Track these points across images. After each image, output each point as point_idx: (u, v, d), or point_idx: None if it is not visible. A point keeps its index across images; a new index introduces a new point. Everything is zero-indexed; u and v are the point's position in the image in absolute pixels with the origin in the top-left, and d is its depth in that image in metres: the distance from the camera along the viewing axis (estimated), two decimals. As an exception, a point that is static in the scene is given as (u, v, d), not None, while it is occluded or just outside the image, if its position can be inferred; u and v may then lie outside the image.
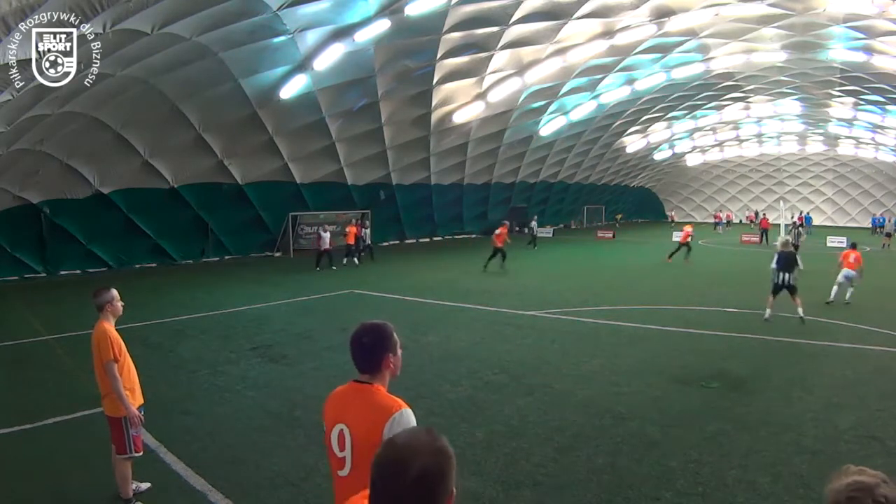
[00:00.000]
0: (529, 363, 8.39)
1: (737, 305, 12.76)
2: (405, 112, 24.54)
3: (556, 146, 35.98)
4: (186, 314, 12.16)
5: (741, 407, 6.61)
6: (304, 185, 25.14)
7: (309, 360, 8.63)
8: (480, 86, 24.71)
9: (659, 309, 12.61)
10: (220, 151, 20.99)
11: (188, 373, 8.07)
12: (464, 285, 16.28)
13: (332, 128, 23.10)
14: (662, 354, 8.84)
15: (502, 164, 34.64)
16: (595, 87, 28.57)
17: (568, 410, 6.51)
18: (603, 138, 38.54)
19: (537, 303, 13.27)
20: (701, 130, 44.38)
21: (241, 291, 15.30)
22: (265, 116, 20.60)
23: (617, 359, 8.58)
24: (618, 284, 16.44)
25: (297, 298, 14.10)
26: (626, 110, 33.67)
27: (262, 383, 7.57)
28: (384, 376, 2.32)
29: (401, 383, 2.39)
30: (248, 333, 10.40)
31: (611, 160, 44.89)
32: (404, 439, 1.43)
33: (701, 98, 33.71)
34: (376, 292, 15.02)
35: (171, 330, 10.76)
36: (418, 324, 10.97)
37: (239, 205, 23.28)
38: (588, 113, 31.86)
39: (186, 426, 6.17)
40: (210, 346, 9.52)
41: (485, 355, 8.81)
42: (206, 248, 23.07)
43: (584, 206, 49.48)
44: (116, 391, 4.25)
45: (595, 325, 11.02)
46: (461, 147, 29.99)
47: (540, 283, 16.69)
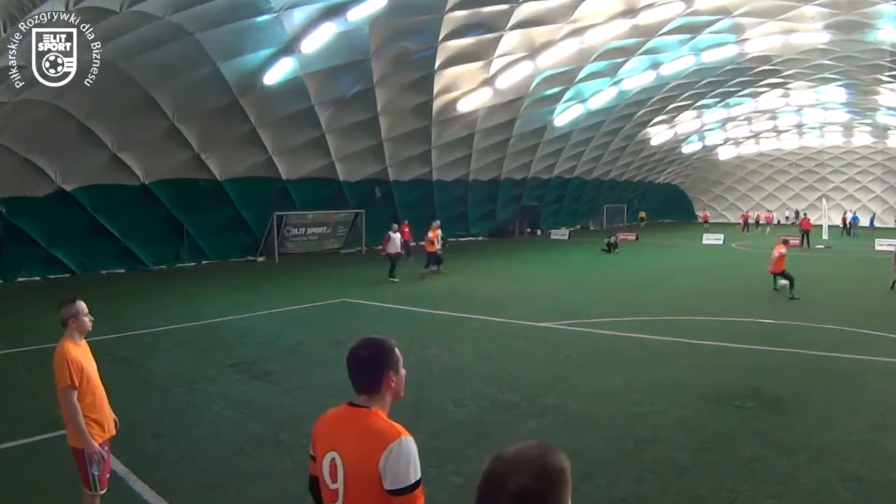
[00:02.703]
0: (542, 380, 8.39)
1: (774, 316, 12.74)
2: (404, 100, 24.61)
3: (572, 138, 36.02)
4: (159, 325, 12.18)
5: (779, 429, 6.61)
6: (290, 181, 25.21)
7: (296, 376, 8.65)
8: (488, 70, 24.78)
9: (687, 320, 12.59)
10: (196, 144, 21.08)
11: (161, 391, 8.09)
12: (468, 293, 16.29)
13: (322, 117, 23.18)
14: (691, 370, 8.83)
15: (512, 158, 34.68)
16: (616, 72, 28.62)
17: (585, 433, 6.52)
18: (625, 129, 38.56)
19: (550, 313, 13.26)
20: (734, 120, 44.40)
21: (221, 300, 15.31)
22: (247, 105, 20.69)
23: (640, 375, 8.58)
24: (641, 292, 16.42)
25: (282, 308, 14.11)
26: (650, 98, 33.70)
27: (243, 403, 7.58)
28: (384, 398, 2.30)
29: (398, 402, 2.38)
30: (229, 347, 10.42)
31: (633, 154, 44.90)
32: (511, 454, 1.46)
33: (734, 84, 33.74)
34: (371, 301, 15.03)
35: (142, 343, 10.78)
36: (417, 336, 10.99)
37: (218, 204, 23.35)
38: (608, 101, 31.91)
39: (159, 450, 6.18)
40: (185, 361, 9.55)
41: (492, 371, 8.81)
42: (180, 252, 23.14)
43: (604, 205, 49.50)
44: (75, 422, 4.18)
45: (615, 337, 10.99)
46: (466, 139, 30.05)
47: (553, 291, 16.67)
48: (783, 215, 54.18)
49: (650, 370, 8.86)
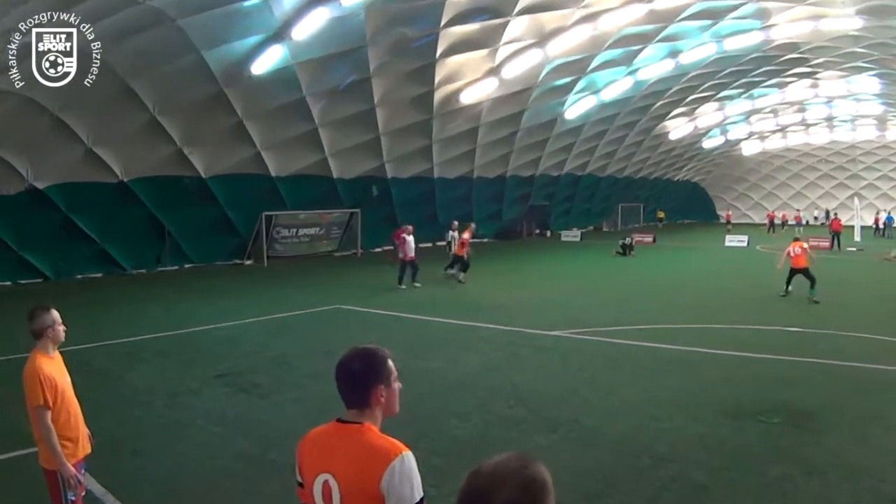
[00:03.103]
0: (552, 393, 8.42)
1: (802, 324, 12.75)
2: (402, 91, 24.66)
3: (584, 132, 36.05)
4: (138, 334, 12.21)
5: (808, 446, 6.62)
6: (280, 178, 25.26)
7: (286, 390, 8.68)
8: (493, 59, 24.82)
9: (708, 328, 12.61)
10: (179, 138, 21.13)
11: (140, 405, 8.11)
12: (473, 299, 16.31)
13: (315, 110, 23.23)
14: (712, 383, 8.85)
15: (519, 154, 34.70)
16: (631, 61, 28.65)
17: (598, 450, 6.54)
18: (641, 122, 38.58)
19: (561, 321, 13.29)
20: (759, 113, 44.39)
21: (205, 307, 15.36)
22: (233, 96, 20.74)
23: (657, 388, 8.61)
24: (658, 299, 16.45)
25: (272, 315, 14.16)
26: (668, 89, 33.73)
27: (229, 418, 7.60)
28: (374, 414, 2.28)
29: (396, 418, 2.38)
30: (214, 357, 10.46)
31: (650, 149, 44.91)
32: (490, 468, 1.49)
33: (759, 74, 33.75)
34: (367, 308, 15.05)
35: (121, 353, 10.81)
36: (418, 346, 11.01)
37: (202, 203, 23.41)
38: (623, 92, 31.94)
39: (138, 469, 6.20)
40: (167, 373, 9.58)
41: (498, 384, 8.84)
42: (162, 255, 23.18)
43: (618, 205, 49.50)
44: (48, 443, 4.15)
45: (630, 347, 11.03)
46: (470, 133, 30.10)
47: (564, 297, 16.70)
48: (811, 215, 54.12)
49: (668, 382, 8.88)
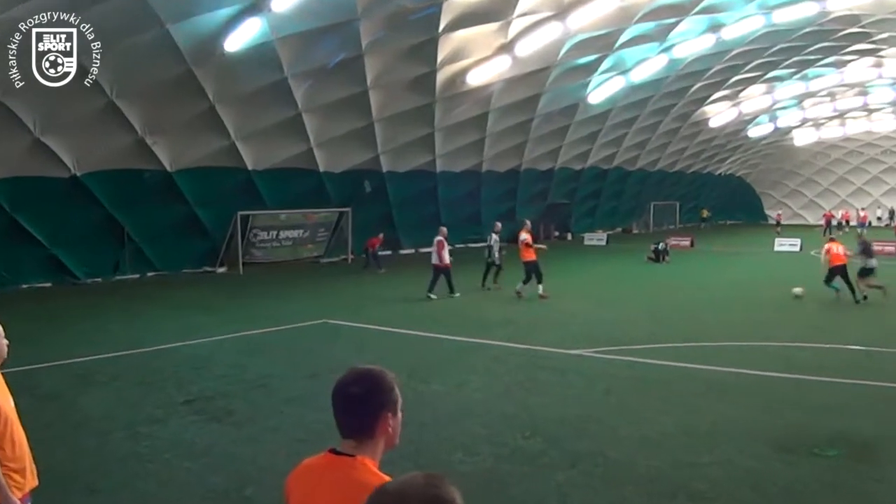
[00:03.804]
0: (573, 422, 8.40)
1: (864, 341, 12.68)
2: (400, 71, 24.70)
3: (610, 118, 36.07)
4: (94, 353, 12.19)
5: (870, 482, 6.58)
6: (258, 172, 25.32)
7: (264, 417, 8.68)
8: (505, 34, 24.86)
9: (754, 346, 12.57)
10: (140, 126, 21.17)
11: (97, 435, 8.10)
12: (481, 314, 16.28)
13: (298, 93, 23.28)
14: (759, 409, 8.81)
15: (536, 144, 34.70)
16: (665, 36, 28.65)
17: (627, 488, 6.51)
18: (677, 108, 38.58)
19: (584, 337, 13.28)
20: (814, 96, 44.36)
21: (171, 322, 15.35)
22: (204, 77, 20.78)
23: (695, 416, 8.58)
24: (696, 312, 16.43)
25: (248, 332, 14.15)
26: (708, 68, 33.73)
27: (199, 450, 7.60)
28: (377, 445, 2.29)
29: (392, 451, 2.38)
30: (181, 380, 10.46)
31: (688, 138, 44.89)
32: (396, 486, 1.57)
33: (814, 51, 33.71)
34: (359, 323, 15.04)
35: (73, 375, 10.80)
36: (418, 367, 10.98)
37: (167, 201, 23.47)
38: (656, 72, 31.96)
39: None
40: (127, 399, 9.56)
41: (511, 411, 8.83)
42: (120, 262, 23.25)
43: (650, 203, 49.47)
44: None
45: (664, 368, 11.02)
46: (478, 120, 30.13)
47: (588, 310, 16.69)
48: (874, 215, 53.96)
49: (708, 409, 8.85)
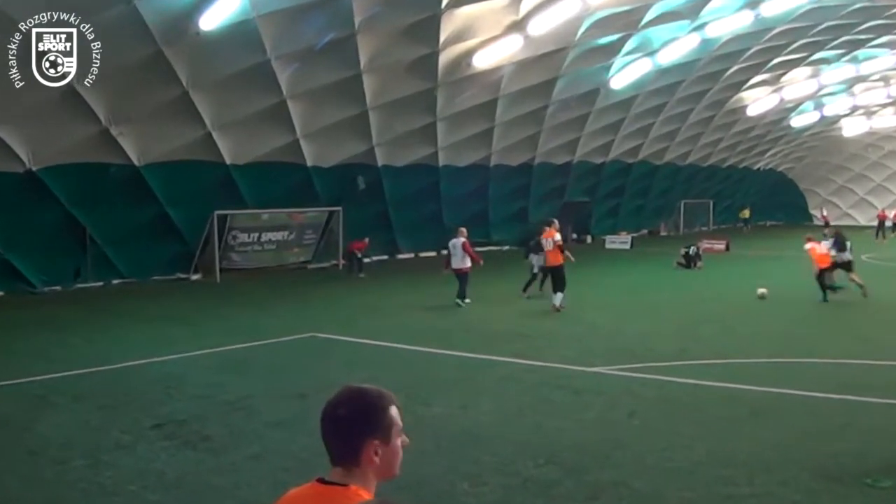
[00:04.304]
0: (593, 449, 8.40)
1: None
2: (397, 52, 24.73)
3: (635, 106, 36.16)
4: (51, 371, 12.19)
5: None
6: (237, 167, 25.39)
7: (245, 444, 8.67)
8: (516, 11, 24.91)
9: (798, 363, 12.58)
10: (104, 115, 21.14)
11: (54, 463, 8.09)
12: (490, 326, 16.31)
13: (282, 77, 23.29)
14: (804, 435, 8.80)
15: (551, 135, 34.78)
16: (698, 13, 28.67)
17: (655, 526, 6.47)
18: (710, 94, 38.65)
19: (605, 353, 13.31)
20: (865, 81, 44.33)
21: (139, 336, 15.34)
22: (176, 59, 20.74)
23: (732, 442, 8.55)
24: (733, 324, 16.41)
25: (225, 347, 14.18)
26: (746, 49, 33.76)
27: (170, 480, 7.58)
28: (366, 475, 2.26)
29: (392, 481, 2.33)
30: (150, 402, 10.44)
31: (722, 128, 44.99)
32: None
33: (865, 30, 33.67)
34: (352, 337, 15.07)
35: (28, 396, 10.78)
36: (418, 387, 11.00)
37: (135, 199, 23.53)
38: (687, 54, 31.96)
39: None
40: (89, 422, 9.55)
41: (523, 437, 8.82)
42: (82, 268, 23.27)
43: (681, 202, 49.60)
44: None
45: (697, 388, 11.04)
46: (486, 108, 30.18)
47: (610, 322, 16.74)
48: None
49: (747, 435, 8.84)
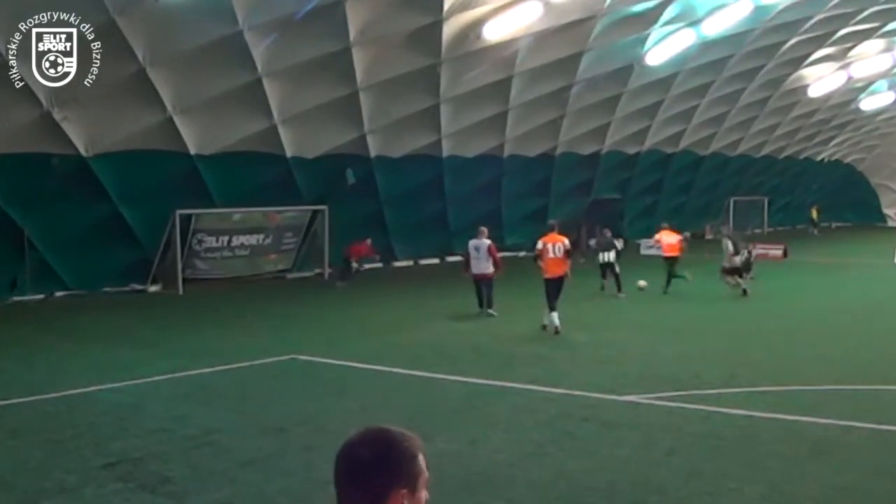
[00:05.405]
0: (626, 493, 8.40)
1: None
2: (394, 21, 24.75)
3: (675, 86, 36.05)
4: (-16, 400, 12.24)
5: None
6: (203, 158, 25.37)
7: (212, 486, 8.66)
8: (534, -28, 24.94)
9: (869, 391, 12.53)
10: (46, 97, 21.18)
11: (-13, 509, 8.17)
12: (503, 345, 16.27)
13: (257, 52, 23.29)
14: (875, 475, 8.79)
15: (576, 121, 34.65)
16: (749, -24, 28.70)
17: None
18: (764, 71, 38.47)
19: (640, 379, 13.26)
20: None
21: (87, 359, 15.32)
22: (131, 30, 20.75)
23: (791, 484, 8.56)
24: (791, 346, 16.34)
25: (189, 371, 14.15)
26: (807, 18, 33.64)
27: (124, 529, 7.64)
28: None
29: None
30: (100, 437, 10.43)
31: (779, 112, 44.74)
32: None
33: (949, -7, 33.67)
34: (338, 359, 15.04)
35: (-43, 429, 10.82)
36: (419, 419, 10.84)
37: (82, 196, 23.55)
38: (736, 24, 31.84)
39: None
40: (27, 461, 9.53)
41: (543, 477, 8.83)
42: (19, 278, 23.29)
43: (730, 199, 49.24)
44: None
45: (748, 420, 10.97)
46: (499, 88, 30.14)
47: (644, 343, 16.66)
48: None
49: (808, 475, 8.83)
